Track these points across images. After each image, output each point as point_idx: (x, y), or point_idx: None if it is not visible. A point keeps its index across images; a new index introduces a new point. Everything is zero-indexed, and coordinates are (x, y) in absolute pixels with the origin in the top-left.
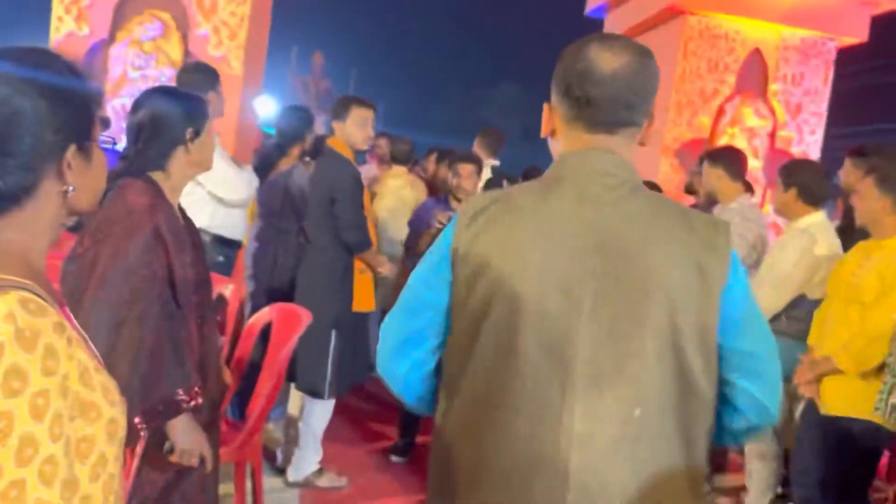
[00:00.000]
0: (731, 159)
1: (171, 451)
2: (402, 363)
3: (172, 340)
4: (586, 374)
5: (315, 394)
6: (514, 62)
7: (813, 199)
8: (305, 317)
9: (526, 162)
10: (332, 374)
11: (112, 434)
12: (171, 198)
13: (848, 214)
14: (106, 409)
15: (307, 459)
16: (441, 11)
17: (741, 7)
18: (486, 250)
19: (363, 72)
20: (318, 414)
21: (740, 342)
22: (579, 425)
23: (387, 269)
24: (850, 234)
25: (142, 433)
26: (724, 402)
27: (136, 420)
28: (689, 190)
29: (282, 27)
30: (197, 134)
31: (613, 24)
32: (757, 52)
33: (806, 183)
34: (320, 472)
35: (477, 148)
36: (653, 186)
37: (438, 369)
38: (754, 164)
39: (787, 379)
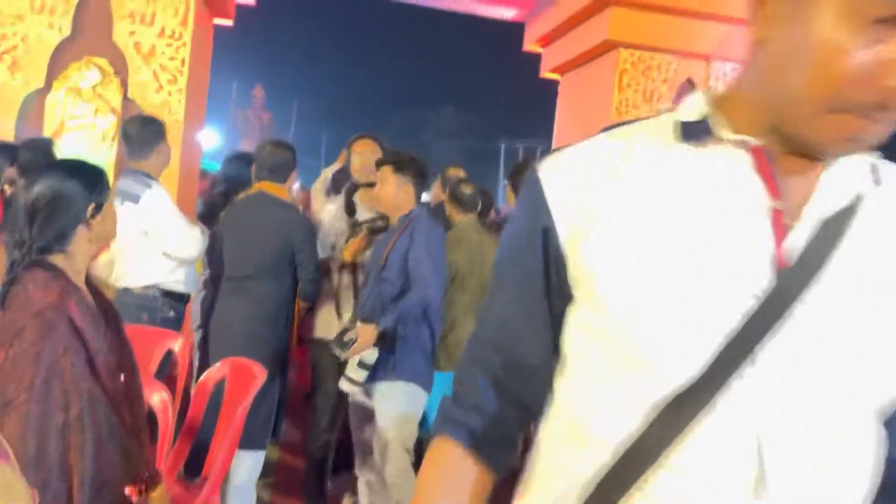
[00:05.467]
0: None
1: None
2: None
3: (112, 432)
4: None
5: (255, 445)
6: (454, 87)
7: None
8: (260, 372)
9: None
10: (270, 422)
11: None
12: (77, 280)
13: None
14: None
15: None
16: (381, 39)
17: (670, 41)
18: None
19: (304, 103)
20: (251, 465)
21: None
22: None
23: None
24: None
25: None
26: None
27: None
28: None
29: (221, 61)
30: (99, 208)
31: (549, 58)
32: (689, 83)
33: None
34: None
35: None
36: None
37: None
38: None
39: None
